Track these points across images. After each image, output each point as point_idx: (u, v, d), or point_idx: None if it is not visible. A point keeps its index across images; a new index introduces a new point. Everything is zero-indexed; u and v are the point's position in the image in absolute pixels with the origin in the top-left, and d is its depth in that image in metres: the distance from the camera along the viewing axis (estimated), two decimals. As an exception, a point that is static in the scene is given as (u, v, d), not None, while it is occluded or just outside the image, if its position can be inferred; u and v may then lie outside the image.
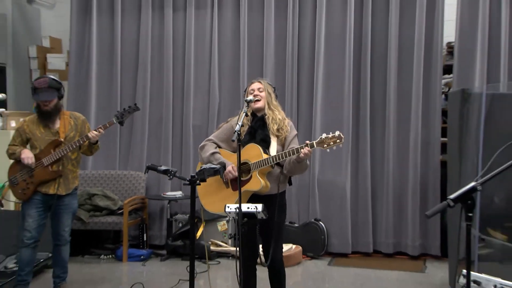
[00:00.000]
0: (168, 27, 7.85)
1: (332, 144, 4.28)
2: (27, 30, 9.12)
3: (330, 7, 7.44)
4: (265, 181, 4.44)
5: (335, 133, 4.30)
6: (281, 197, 4.64)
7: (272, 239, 4.55)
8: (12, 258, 6.01)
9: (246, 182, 4.45)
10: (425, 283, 6.35)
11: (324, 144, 4.30)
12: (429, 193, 7.27)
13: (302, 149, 4.26)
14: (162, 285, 6.09)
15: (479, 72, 6.99)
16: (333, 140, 4.27)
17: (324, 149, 4.33)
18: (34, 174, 5.37)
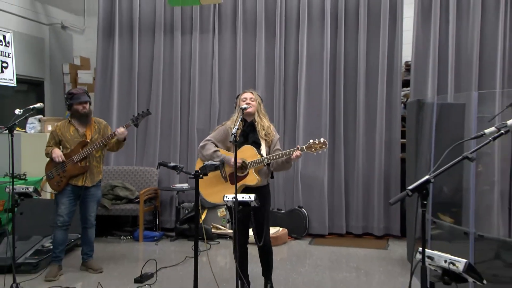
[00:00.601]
0: (177, 48, 7.87)
1: (319, 149, 4.41)
2: (61, 51, 9.11)
3: (310, 34, 7.49)
4: (259, 177, 4.55)
5: (320, 140, 4.42)
6: (267, 188, 4.77)
7: (262, 223, 4.64)
8: (48, 239, 6.02)
9: (243, 178, 4.53)
10: (388, 259, 6.38)
11: (312, 149, 4.41)
12: (391, 185, 7.33)
13: (294, 152, 4.38)
14: (171, 261, 6.07)
15: (431, 85, 7.06)
16: (319, 145, 4.39)
17: (312, 152, 4.46)
18: (66, 169, 5.45)
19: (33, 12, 8.61)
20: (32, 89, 8.76)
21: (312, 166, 7.49)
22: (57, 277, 5.48)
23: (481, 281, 2.54)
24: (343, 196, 7.49)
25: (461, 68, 7.06)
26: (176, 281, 5.40)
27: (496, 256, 4.43)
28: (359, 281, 5.52)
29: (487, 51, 6.98)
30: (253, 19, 7.71)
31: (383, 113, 7.33)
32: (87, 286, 5.24)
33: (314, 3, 7.51)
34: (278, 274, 5.40)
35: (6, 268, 5.01)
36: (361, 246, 7.01)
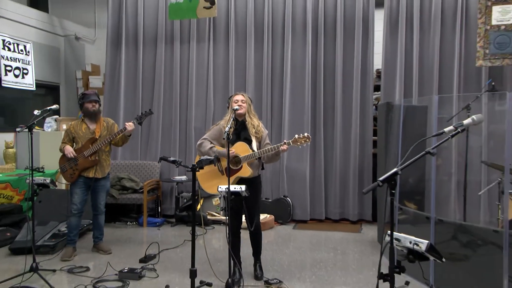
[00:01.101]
0: (176, 56, 7.86)
1: (303, 143, 4.41)
2: (75, 59, 9.09)
3: (294, 44, 7.49)
4: (252, 169, 4.57)
5: (305, 134, 4.44)
6: (259, 179, 4.78)
7: (253, 210, 4.67)
8: (64, 224, 6.04)
9: (237, 171, 4.55)
10: (361, 240, 6.42)
11: (297, 143, 4.42)
12: (365, 176, 7.37)
13: (282, 146, 4.40)
14: (172, 244, 6.07)
15: (398, 90, 7.12)
16: (303, 139, 4.40)
17: (297, 146, 4.47)
18: (78, 163, 5.46)
19: (50, 25, 8.62)
20: (49, 93, 8.71)
21: (295, 160, 7.51)
22: (72, 257, 5.48)
23: (441, 259, 2.57)
24: (323, 186, 7.51)
25: (424, 75, 7.13)
26: (176, 261, 5.40)
27: (453, 238, 4.47)
28: (336, 260, 5.54)
29: (445, 60, 7.05)
30: (244, 30, 7.71)
31: (357, 114, 7.36)
32: (98, 265, 5.22)
33: (297, 17, 7.52)
34: (266, 254, 5.42)
35: (27, 249, 5.01)
36: (338, 230, 7.04)
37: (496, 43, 6.43)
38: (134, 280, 4.73)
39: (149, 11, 7.99)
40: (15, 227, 6.23)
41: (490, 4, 6.42)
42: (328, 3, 7.47)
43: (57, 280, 4.77)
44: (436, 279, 4.57)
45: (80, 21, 9.17)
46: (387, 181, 2.58)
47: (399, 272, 2.55)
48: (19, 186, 6.60)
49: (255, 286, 4.59)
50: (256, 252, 4.86)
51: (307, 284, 4.66)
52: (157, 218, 7.50)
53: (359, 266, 5.33)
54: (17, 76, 7.65)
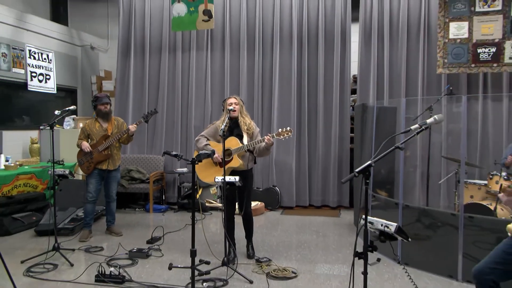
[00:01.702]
0: (178, 63, 7.82)
1: (286, 136, 4.38)
2: (90, 66, 9.05)
3: (281, 52, 7.48)
4: (241, 161, 4.55)
5: (287, 128, 4.42)
6: (250, 172, 4.76)
7: (245, 198, 4.65)
8: (81, 210, 6.02)
9: (229, 162, 4.53)
10: (340, 224, 6.44)
11: (280, 135, 4.39)
12: (343, 168, 7.38)
13: (266, 137, 4.37)
14: (174, 227, 6.07)
15: (372, 93, 7.13)
16: (286, 133, 4.37)
17: (281, 139, 4.43)
18: (93, 156, 5.46)
19: (69, 36, 8.61)
20: (68, 95, 8.66)
21: (283, 154, 7.50)
22: (88, 238, 5.50)
23: (407, 239, 2.58)
24: (307, 177, 7.50)
25: (393, 80, 7.14)
26: (178, 243, 5.39)
27: (417, 220, 4.50)
28: (318, 241, 5.55)
29: (411, 68, 7.08)
30: (238, 41, 7.68)
31: (336, 114, 7.37)
32: (111, 245, 5.22)
33: (284, 29, 7.51)
34: (257, 236, 5.42)
35: (50, 231, 5.02)
36: (320, 215, 7.04)
37: (453, 54, 6.51)
38: (142, 259, 4.74)
39: (154, 24, 7.95)
40: (39, 212, 6.23)
41: (447, 21, 6.52)
42: (311, 18, 7.47)
43: (76, 258, 4.77)
44: (403, 256, 4.61)
45: (95, 33, 9.14)
46: (362, 172, 2.57)
47: (372, 251, 2.56)
48: (42, 177, 6.60)
49: (247, 264, 4.60)
50: (248, 234, 4.86)
51: (293, 262, 4.67)
52: (161, 205, 7.49)
53: (338, 246, 5.35)
54: (41, 81, 7.75)
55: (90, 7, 9.20)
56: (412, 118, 5.59)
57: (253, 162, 4.76)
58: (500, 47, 6.29)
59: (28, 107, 7.72)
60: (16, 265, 4.43)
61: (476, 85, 6.80)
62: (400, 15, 7.09)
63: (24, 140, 7.47)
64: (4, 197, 5.93)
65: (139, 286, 3.98)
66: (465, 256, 4.11)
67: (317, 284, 4.08)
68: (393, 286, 4.04)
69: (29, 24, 7.60)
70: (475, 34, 6.38)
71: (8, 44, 7.08)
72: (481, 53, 6.38)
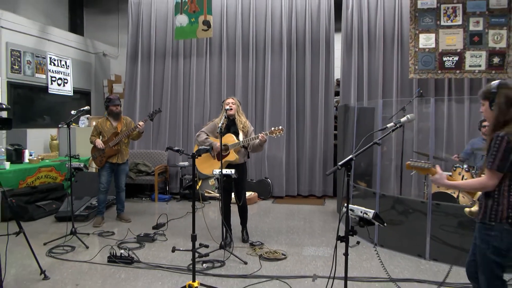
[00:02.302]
0: (180, 67, 7.75)
1: (278, 134, 4.35)
2: (102, 71, 9.00)
3: (272, 58, 7.42)
4: (237, 155, 4.53)
5: (279, 127, 4.38)
6: (244, 165, 4.74)
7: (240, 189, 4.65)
8: (94, 199, 6.01)
9: (226, 156, 4.52)
10: (324, 211, 6.43)
11: (273, 133, 4.36)
12: (328, 161, 7.36)
13: (260, 135, 4.34)
14: (177, 215, 6.05)
15: (353, 95, 7.13)
16: (278, 131, 4.34)
17: (274, 136, 4.41)
18: (105, 151, 5.43)
19: (84, 45, 8.59)
20: (83, 97, 8.60)
21: (274, 149, 7.48)
22: (101, 224, 5.48)
23: (383, 224, 2.56)
24: (295, 170, 7.47)
25: (372, 84, 7.14)
26: (180, 228, 5.37)
27: (392, 208, 4.51)
28: (305, 226, 5.55)
29: (387, 73, 7.09)
30: (233, 48, 7.63)
31: (322, 113, 7.35)
32: (121, 230, 5.19)
33: (275, 38, 7.47)
34: (251, 223, 5.40)
35: (68, 218, 5.00)
36: (307, 203, 7.03)
37: (422, 61, 6.55)
38: (149, 242, 4.72)
39: (159, 33, 7.88)
40: (58, 200, 6.24)
41: (418, 33, 6.57)
42: (299, 28, 7.44)
43: (90, 241, 4.75)
44: (379, 239, 4.62)
45: (106, 42, 9.10)
46: (344, 165, 2.55)
47: (352, 235, 2.55)
48: (61, 169, 6.61)
49: (242, 247, 4.58)
50: (243, 221, 4.84)
51: (283, 245, 4.66)
52: (165, 195, 7.43)
53: (323, 230, 5.35)
54: (60, 85, 7.78)
55: (103, 19, 9.18)
56: (388, 117, 5.58)
57: (247, 156, 4.75)
58: (461, 56, 6.41)
59: (49, 108, 7.72)
60: (39, 247, 4.44)
61: (442, 88, 6.86)
62: (377, 27, 7.10)
63: (45, 137, 7.48)
64: (28, 187, 5.99)
65: (146, 267, 3.97)
66: (432, 238, 4.15)
67: (304, 264, 4.08)
68: (370, 265, 4.05)
69: (50, 35, 7.63)
70: (441, 44, 6.48)
71: (32, 53, 7.14)
72: (446, 61, 6.48)
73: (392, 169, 6.77)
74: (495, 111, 2.42)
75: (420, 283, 3.61)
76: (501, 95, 2.41)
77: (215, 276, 3.72)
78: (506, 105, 2.39)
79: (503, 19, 6.24)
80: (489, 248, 2.38)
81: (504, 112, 2.39)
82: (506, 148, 2.32)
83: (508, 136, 2.32)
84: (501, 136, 2.34)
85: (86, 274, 3.79)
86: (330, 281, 2.88)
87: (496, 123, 2.41)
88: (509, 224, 2.34)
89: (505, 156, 2.32)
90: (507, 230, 2.35)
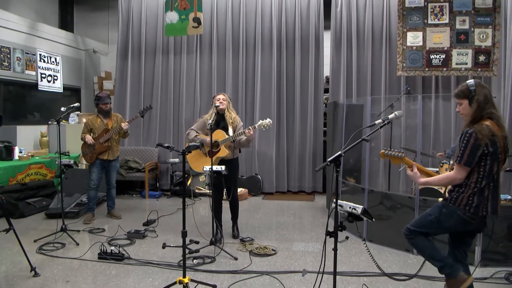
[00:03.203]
0: (171, 64, 7.70)
1: (266, 126, 4.33)
2: (93, 67, 8.92)
3: (263, 55, 7.42)
4: (228, 151, 4.52)
5: (266, 120, 4.37)
6: (236, 161, 4.73)
7: (232, 185, 4.65)
8: (85, 195, 5.93)
9: (217, 152, 4.50)
10: (314, 207, 6.45)
11: (261, 126, 4.35)
12: (317, 158, 7.38)
13: (248, 130, 4.34)
14: (168, 211, 6.01)
15: (342, 92, 7.16)
16: (266, 123, 4.32)
17: (262, 129, 4.39)
18: (95, 148, 5.39)
19: (74, 42, 8.51)
20: (73, 94, 8.53)
21: (264, 145, 7.47)
22: (91, 221, 5.44)
23: (372, 219, 2.58)
24: (285, 166, 7.48)
25: (360, 81, 7.17)
26: (171, 225, 5.35)
27: (380, 203, 4.53)
28: (295, 222, 5.57)
29: (375, 70, 7.14)
30: (224, 45, 7.60)
31: (311, 110, 7.36)
32: (112, 227, 5.17)
33: (265, 35, 7.46)
34: (241, 219, 5.36)
35: (58, 214, 4.97)
36: (296, 199, 7.04)
37: (410, 59, 6.59)
38: (139, 239, 4.70)
39: (149, 30, 7.82)
40: (49, 197, 6.19)
41: (405, 31, 6.60)
42: (289, 26, 7.44)
43: (81, 238, 4.72)
44: (368, 234, 4.64)
45: (97, 38, 9.01)
46: (333, 161, 2.55)
47: (341, 230, 2.55)
48: (51, 166, 6.54)
49: (233, 243, 4.58)
50: (233, 217, 4.84)
51: (273, 241, 4.67)
52: (156, 191, 7.38)
53: (312, 226, 5.37)
54: (50, 82, 7.70)
55: (93, 16, 9.07)
56: (376, 114, 5.61)
57: (238, 151, 4.73)
58: (448, 54, 6.47)
59: (39, 105, 7.65)
60: (30, 244, 4.39)
61: (429, 86, 6.93)
62: (366, 25, 7.13)
63: (35, 134, 7.41)
64: (19, 184, 5.94)
65: (137, 263, 3.95)
66: (420, 234, 4.16)
67: (294, 259, 4.09)
68: (359, 260, 4.07)
69: (40, 32, 7.55)
70: (428, 42, 6.53)
71: (22, 50, 7.08)
72: (433, 59, 6.52)
73: (381, 165, 6.81)
74: (474, 107, 2.55)
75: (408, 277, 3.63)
76: (480, 93, 2.56)
77: (206, 272, 3.71)
78: (485, 102, 2.54)
79: (488, 18, 6.31)
80: (432, 216, 2.71)
81: (482, 108, 2.53)
82: (474, 144, 2.45)
83: (477, 133, 2.45)
84: (469, 133, 2.47)
85: (77, 271, 3.76)
86: (320, 276, 2.89)
87: (474, 118, 2.55)
88: (464, 210, 2.56)
89: (473, 152, 2.46)
90: (457, 215, 2.58)
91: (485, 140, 2.44)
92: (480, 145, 2.44)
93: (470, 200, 2.55)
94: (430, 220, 2.72)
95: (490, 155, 2.47)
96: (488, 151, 2.46)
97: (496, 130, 2.49)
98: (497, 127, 2.51)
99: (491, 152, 2.46)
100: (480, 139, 2.43)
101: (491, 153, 2.47)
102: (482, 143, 2.44)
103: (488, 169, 2.51)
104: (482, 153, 2.46)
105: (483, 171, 2.51)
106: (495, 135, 2.47)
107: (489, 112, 2.54)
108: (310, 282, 3.43)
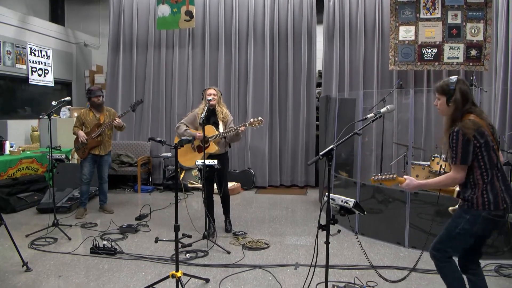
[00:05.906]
0: (163, 58, 7.63)
1: (257, 125, 4.35)
2: (84, 61, 8.81)
3: (255, 48, 7.38)
4: (217, 147, 4.51)
5: (258, 118, 4.39)
6: (226, 155, 4.72)
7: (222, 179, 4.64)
8: (77, 190, 5.94)
9: (206, 148, 4.48)
10: (306, 201, 6.46)
11: (252, 124, 4.36)
12: (309, 151, 7.37)
13: (240, 127, 4.34)
14: (160, 205, 6.00)
15: (334, 86, 7.14)
16: (257, 122, 4.34)
17: (253, 127, 4.41)
18: (87, 143, 5.34)
19: (65, 35, 8.41)
20: (64, 88, 8.46)
21: (257, 139, 7.46)
22: (84, 216, 5.40)
23: (363, 213, 2.59)
24: (278, 160, 7.47)
25: (353, 75, 7.17)
26: (163, 219, 5.34)
27: (372, 197, 4.56)
28: (288, 216, 5.58)
29: (368, 64, 7.14)
30: (216, 38, 7.55)
31: (304, 104, 7.35)
32: (104, 222, 5.14)
33: (258, 28, 7.43)
34: (234, 213, 5.38)
35: (50, 209, 4.97)
36: (289, 193, 7.03)
37: (402, 53, 6.62)
38: (132, 233, 4.69)
39: (141, 24, 7.75)
40: (40, 192, 6.13)
41: (398, 25, 6.63)
42: (281, 19, 7.41)
43: (73, 232, 4.70)
44: (360, 227, 4.67)
45: (88, 32, 8.92)
46: (326, 155, 2.54)
47: (333, 223, 2.56)
48: (42, 161, 6.48)
49: (225, 237, 4.58)
50: (226, 211, 4.83)
51: (265, 235, 4.68)
52: (148, 186, 7.34)
53: (305, 220, 5.38)
54: (40, 75, 7.60)
55: (84, 9, 8.98)
56: (369, 108, 5.62)
57: (228, 146, 4.72)
58: (440, 49, 6.49)
59: (29, 98, 7.57)
60: (21, 239, 4.37)
61: (421, 80, 6.94)
62: (358, 19, 7.12)
63: (26, 128, 7.33)
64: (10, 179, 5.88)
65: (129, 257, 3.94)
66: (411, 226, 4.21)
67: (287, 253, 4.10)
68: (351, 253, 4.09)
69: (31, 25, 7.46)
70: (420, 37, 6.56)
71: (12, 43, 6.98)
72: (425, 53, 6.56)
73: (373, 159, 6.84)
74: (452, 108, 2.54)
75: (399, 270, 3.66)
76: (458, 91, 2.53)
77: (198, 266, 3.71)
78: (462, 101, 2.51)
79: (480, 13, 6.34)
80: (458, 227, 2.49)
81: (460, 108, 2.51)
82: (463, 141, 2.41)
83: (462, 129, 2.42)
84: (456, 131, 2.44)
85: (69, 266, 3.74)
86: (312, 269, 2.90)
87: (453, 120, 2.53)
88: (487, 211, 2.42)
89: (465, 148, 2.41)
90: (483, 217, 2.44)
91: (472, 132, 2.40)
92: (469, 140, 2.40)
93: (485, 198, 2.43)
94: (458, 233, 2.50)
95: (483, 146, 2.42)
96: (479, 143, 2.42)
97: (479, 121, 2.46)
98: (480, 119, 2.48)
99: (482, 143, 2.42)
100: (467, 133, 2.40)
101: (483, 144, 2.42)
102: (470, 136, 2.40)
103: (488, 160, 2.44)
104: (474, 146, 2.42)
105: (484, 163, 2.44)
106: (480, 126, 2.44)
107: (468, 109, 2.50)
108: (303, 275, 3.44)
